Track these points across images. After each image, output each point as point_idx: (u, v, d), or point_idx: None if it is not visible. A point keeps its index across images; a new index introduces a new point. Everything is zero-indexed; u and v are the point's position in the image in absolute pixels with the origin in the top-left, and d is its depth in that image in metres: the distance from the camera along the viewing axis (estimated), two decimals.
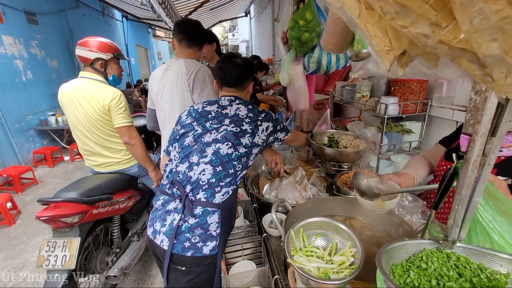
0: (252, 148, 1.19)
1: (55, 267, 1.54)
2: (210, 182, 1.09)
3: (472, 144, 0.55)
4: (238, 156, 1.14)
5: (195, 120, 1.24)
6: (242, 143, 1.16)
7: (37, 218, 1.54)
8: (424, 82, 1.83)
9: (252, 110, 1.25)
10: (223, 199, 1.10)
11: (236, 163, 1.14)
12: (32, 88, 4.98)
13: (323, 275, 0.67)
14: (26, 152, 4.73)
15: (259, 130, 1.21)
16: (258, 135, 1.21)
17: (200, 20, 5.99)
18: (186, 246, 1.03)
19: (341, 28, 0.98)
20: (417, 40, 0.40)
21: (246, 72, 1.30)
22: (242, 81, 1.30)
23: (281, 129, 1.34)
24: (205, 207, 1.07)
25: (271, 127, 1.26)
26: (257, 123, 1.22)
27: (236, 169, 1.14)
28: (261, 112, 1.28)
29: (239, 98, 1.30)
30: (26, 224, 3.09)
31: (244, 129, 1.18)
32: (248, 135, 1.18)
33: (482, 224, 0.66)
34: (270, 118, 1.28)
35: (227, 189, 1.11)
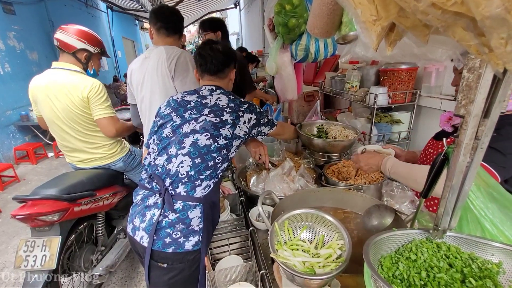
0: (232, 140, 1.13)
1: (34, 267, 1.46)
2: (189, 175, 1.03)
3: (465, 126, 0.51)
4: (217, 147, 1.08)
5: (173, 111, 1.17)
6: (222, 134, 1.09)
7: (13, 216, 1.45)
8: (413, 72, 1.81)
9: (233, 100, 1.19)
10: (204, 193, 1.05)
11: (216, 155, 1.08)
12: (11, 82, 4.75)
13: (309, 269, 0.63)
14: (6, 149, 4.53)
15: (241, 121, 1.14)
16: (240, 127, 1.14)
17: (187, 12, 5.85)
18: (167, 242, 0.98)
19: (327, 10, 0.93)
20: (407, 5, 0.36)
21: (227, 59, 1.23)
22: (224, 68, 1.23)
23: (265, 122, 1.27)
24: (186, 202, 1.02)
25: (254, 120, 1.19)
26: (238, 114, 1.15)
27: (216, 161, 1.08)
28: (244, 103, 1.21)
29: (220, 87, 1.23)
30: (7, 224, 2.97)
31: (224, 120, 1.11)
32: (229, 126, 1.11)
33: (473, 212, 0.64)
34: (254, 110, 1.21)
35: (208, 182, 1.06)
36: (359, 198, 1.13)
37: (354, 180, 1.35)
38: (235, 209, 1.52)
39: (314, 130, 1.82)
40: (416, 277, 0.53)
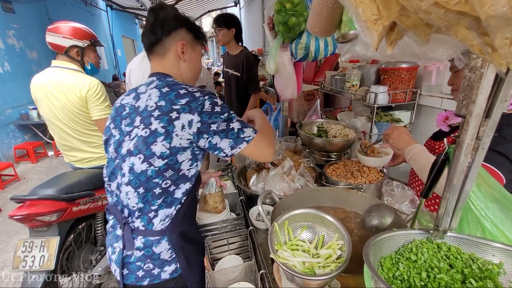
0: (175, 156, 0.84)
1: (32, 268, 1.46)
2: (139, 207, 0.87)
3: (466, 126, 0.50)
4: (156, 172, 0.83)
5: (112, 121, 0.94)
6: (156, 153, 0.82)
7: (10, 217, 1.45)
8: (414, 71, 1.81)
9: (166, 95, 0.83)
10: (166, 224, 0.89)
11: (159, 180, 0.84)
12: (11, 81, 4.74)
13: (308, 270, 0.63)
14: (6, 148, 4.53)
15: (176, 127, 0.81)
16: (177, 135, 0.81)
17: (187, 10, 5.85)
18: (140, 276, 0.88)
19: (327, 9, 0.92)
20: (409, 4, 0.35)
21: (165, 21, 0.91)
22: (160, 37, 0.91)
23: (226, 132, 0.84)
24: (146, 237, 0.88)
25: (199, 123, 0.81)
26: (170, 117, 0.80)
27: (164, 187, 0.86)
28: (183, 95, 0.83)
29: (160, 74, 0.92)
30: (7, 223, 2.97)
31: (153, 130, 0.81)
32: (161, 138, 0.81)
33: (473, 212, 0.63)
34: (198, 108, 0.81)
35: (166, 211, 0.88)
36: (359, 198, 1.13)
37: (354, 179, 1.35)
38: (235, 208, 1.52)
39: (314, 129, 1.82)
40: (416, 278, 0.53)
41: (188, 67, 0.99)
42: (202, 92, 0.86)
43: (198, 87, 1.61)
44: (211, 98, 0.85)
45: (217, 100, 0.87)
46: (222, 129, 0.83)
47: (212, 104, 0.84)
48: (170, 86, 0.86)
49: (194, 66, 1.02)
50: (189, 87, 0.86)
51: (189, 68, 0.99)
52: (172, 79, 0.92)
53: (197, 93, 0.84)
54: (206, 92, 0.87)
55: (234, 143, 0.86)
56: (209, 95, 0.86)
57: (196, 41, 1.00)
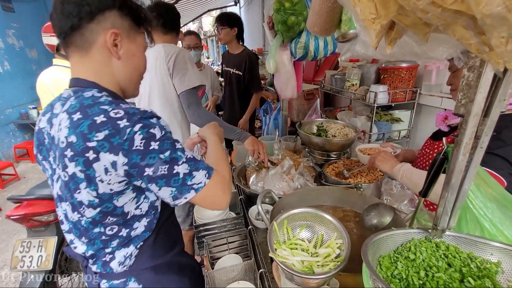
0: (109, 203, 0.65)
1: (30, 268, 1.47)
2: (91, 254, 0.73)
3: (464, 125, 0.50)
4: (91, 222, 0.67)
5: (38, 151, 0.75)
6: (83, 202, 0.64)
7: (8, 217, 1.46)
8: (414, 70, 1.80)
9: (78, 125, 0.59)
10: (130, 263, 0.75)
11: (100, 229, 0.68)
12: (11, 80, 4.74)
13: (307, 269, 0.63)
14: (6, 147, 4.54)
15: (97, 171, 0.60)
16: (102, 180, 0.61)
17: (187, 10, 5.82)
18: None
19: (327, 8, 0.92)
20: (406, 3, 0.35)
21: (84, 1, 0.63)
22: (80, 23, 0.63)
23: (168, 177, 0.63)
24: (110, 281, 0.75)
25: (126, 166, 0.60)
26: (87, 157, 0.59)
27: (111, 233, 0.70)
28: (101, 126, 0.58)
29: (81, 83, 0.67)
30: (7, 222, 2.97)
31: (71, 175, 0.61)
32: (84, 185, 0.62)
33: (472, 211, 0.63)
34: (125, 144, 0.58)
35: (123, 251, 0.73)
36: (359, 197, 1.13)
37: (353, 179, 1.35)
38: (234, 207, 1.52)
39: (314, 129, 1.82)
40: (414, 277, 0.53)
41: (125, 67, 0.71)
42: (132, 117, 0.60)
43: (190, 90, 1.39)
44: (145, 128, 0.60)
45: (155, 131, 0.62)
46: (161, 175, 0.62)
47: (147, 139, 0.60)
48: (84, 110, 0.60)
49: (135, 66, 0.74)
50: (113, 109, 0.60)
51: (128, 69, 0.72)
52: (91, 94, 0.65)
53: (122, 121, 0.59)
54: (138, 117, 0.60)
55: (178, 192, 0.65)
56: (143, 123, 0.60)
57: (136, 28, 0.72)
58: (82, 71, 0.68)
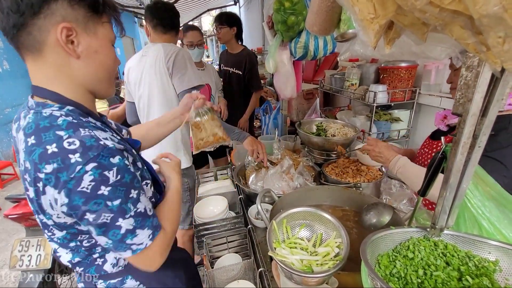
0: (72, 228, 0.61)
1: (29, 267, 1.47)
2: (78, 262, 0.69)
3: (462, 124, 0.51)
4: (63, 240, 0.65)
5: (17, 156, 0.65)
6: (48, 225, 0.62)
7: (6, 216, 1.46)
8: (413, 70, 1.81)
9: (31, 152, 0.54)
10: (125, 263, 0.73)
11: (75, 243, 0.65)
12: (10, 80, 4.73)
13: (306, 267, 0.64)
14: (5, 147, 4.53)
15: (44, 204, 0.56)
16: (52, 214, 0.58)
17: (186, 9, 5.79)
18: None
19: (326, 7, 0.92)
20: (404, 3, 0.35)
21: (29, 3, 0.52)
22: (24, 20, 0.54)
23: (107, 227, 0.57)
24: (106, 281, 0.74)
25: (65, 207, 0.54)
26: (38, 187, 0.54)
27: (88, 245, 0.66)
28: (52, 157, 0.52)
29: (41, 93, 0.60)
30: (7, 222, 2.96)
31: (31, 199, 0.58)
32: (40, 211, 0.59)
33: (470, 210, 0.64)
34: (70, 183, 0.52)
35: (115, 254, 0.71)
36: (358, 196, 1.13)
37: (353, 178, 1.35)
38: (234, 207, 1.52)
39: (313, 128, 1.82)
40: (413, 275, 0.54)
41: (86, 67, 0.61)
42: (87, 152, 0.53)
43: (190, 90, 1.36)
44: (99, 169, 0.53)
45: (110, 172, 0.54)
46: (102, 223, 0.56)
47: (97, 182, 0.53)
48: (39, 134, 0.54)
49: (101, 63, 0.63)
50: (69, 137, 0.53)
51: (90, 68, 0.62)
52: (50, 112, 0.57)
53: (74, 155, 0.52)
54: (95, 155, 0.53)
55: (113, 246, 0.59)
56: (98, 163, 0.53)
57: (96, 18, 0.61)
58: (40, 77, 0.60)
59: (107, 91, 0.69)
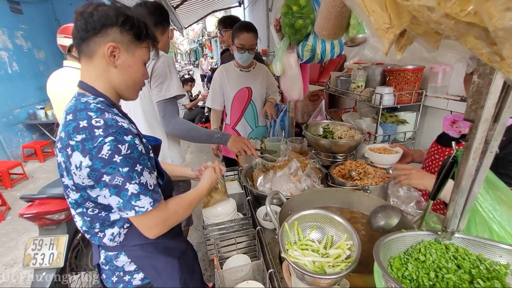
0: (84, 192, 0.77)
1: (42, 265, 1.50)
2: (85, 230, 0.86)
3: (474, 130, 0.52)
4: (74, 203, 0.81)
5: None
6: (68, 186, 0.78)
7: (21, 215, 1.49)
8: (419, 72, 1.81)
9: (68, 124, 0.72)
10: (120, 240, 0.87)
11: (83, 209, 0.81)
12: (19, 81, 4.82)
13: (319, 269, 0.65)
14: (15, 147, 4.61)
15: (72, 165, 0.72)
16: (75, 174, 0.73)
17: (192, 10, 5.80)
18: (115, 281, 0.92)
19: (335, 13, 0.93)
20: (420, 14, 0.37)
21: (90, 18, 0.74)
22: (87, 35, 0.75)
23: (119, 189, 0.72)
24: (106, 252, 0.90)
25: (88, 168, 0.70)
26: (67, 152, 0.71)
27: (92, 214, 0.81)
28: (82, 130, 0.70)
29: (83, 86, 0.80)
30: (16, 221, 3.03)
31: (59, 163, 0.77)
32: (65, 173, 0.76)
33: (481, 214, 0.64)
34: (93, 150, 0.69)
35: (110, 231, 0.85)
36: (366, 199, 1.14)
37: (360, 180, 1.36)
38: (242, 208, 1.54)
39: (320, 130, 1.83)
40: (425, 278, 0.55)
41: (120, 75, 0.81)
42: (108, 129, 0.70)
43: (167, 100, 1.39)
44: (115, 141, 0.70)
45: (123, 146, 0.71)
46: (115, 184, 0.71)
47: (112, 151, 0.69)
48: (75, 113, 0.73)
49: (131, 75, 0.83)
50: (96, 117, 0.72)
51: (123, 77, 0.82)
52: (86, 100, 0.77)
53: (98, 130, 0.69)
54: (113, 131, 0.70)
55: (123, 206, 0.74)
56: (114, 137, 0.70)
57: (137, 43, 0.82)
58: (86, 75, 0.81)
59: (131, 96, 0.90)
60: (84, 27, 0.75)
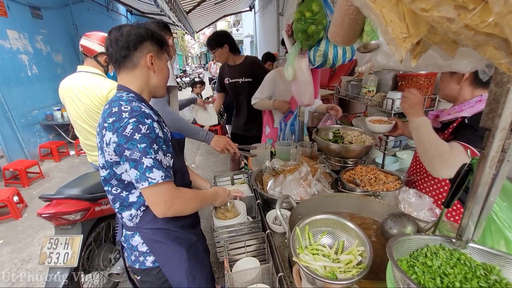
0: (111, 169, 0.92)
1: (57, 264, 1.53)
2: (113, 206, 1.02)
3: (491, 139, 0.51)
4: (104, 180, 0.97)
5: None
6: (101, 164, 0.95)
7: (39, 215, 1.54)
8: (433, 77, 1.78)
9: (104, 111, 0.91)
10: (136, 221, 1.01)
11: (108, 187, 0.97)
12: (38, 83, 5.00)
13: (330, 274, 0.65)
14: (32, 147, 4.77)
15: (104, 143, 0.88)
16: (105, 150, 0.89)
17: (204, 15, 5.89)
18: (133, 260, 1.05)
19: (349, 20, 0.94)
20: (439, 25, 0.37)
21: (131, 38, 0.92)
22: (129, 52, 0.93)
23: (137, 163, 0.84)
24: (126, 231, 1.04)
25: (115, 144, 0.85)
26: (102, 133, 0.88)
27: (115, 193, 0.97)
28: (113, 114, 0.86)
29: (121, 88, 0.96)
30: (33, 218, 3.13)
31: (97, 143, 0.93)
32: (99, 152, 0.93)
33: (497, 223, 0.64)
34: (120, 129, 0.84)
35: (127, 213, 0.98)
36: (377, 205, 1.13)
37: (371, 186, 1.35)
38: (251, 211, 1.55)
39: (330, 135, 1.83)
40: (430, 283, 0.54)
41: (158, 77, 1.02)
42: (132, 113, 0.86)
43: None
44: (137, 122, 0.84)
45: (143, 127, 0.85)
46: (134, 158, 0.84)
47: (134, 130, 0.83)
48: (110, 103, 0.91)
49: (163, 74, 1.05)
50: (125, 105, 0.88)
51: (159, 78, 1.03)
52: (120, 94, 0.93)
53: (125, 113, 0.85)
54: (136, 114, 0.86)
55: (139, 178, 0.85)
56: (137, 119, 0.85)
57: (161, 50, 1.02)
58: (124, 80, 0.97)
59: (163, 92, 1.09)
60: (126, 46, 0.91)
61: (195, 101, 2.75)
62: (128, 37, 0.91)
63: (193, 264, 1.09)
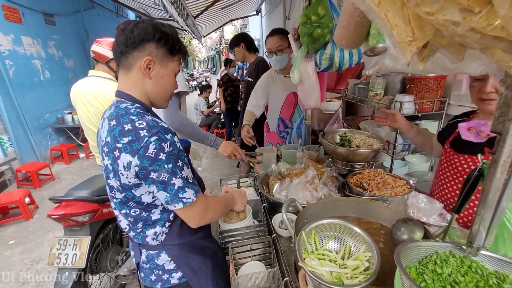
0: (129, 191, 0.83)
1: (65, 265, 1.56)
2: (129, 228, 0.93)
3: (502, 143, 0.50)
4: (119, 203, 0.88)
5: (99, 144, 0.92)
6: (114, 187, 0.84)
7: (49, 216, 1.57)
8: (442, 80, 1.76)
9: (112, 129, 0.77)
10: (161, 239, 0.94)
11: (127, 210, 0.88)
12: (50, 87, 5.15)
13: (336, 280, 0.64)
14: (44, 149, 4.89)
15: (119, 166, 0.77)
16: (123, 174, 0.78)
17: (211, 20, 6.00)
18: (153, 280, 0.97)
19: (355, 23, 0.94)
20: (445, 28, 0.37)
21: (130, 34, 0.81)
22: (127, 49, 0.82)
23: (166, 184, 0.78)
24: (148, 251, 0.96)
25: (137, 167, 0.75)
26: (114, 154, 0.76)
27: (135, 215, 0.88)
28: (127, 133, 0.75)
29: (121, 95, 0.87)
30: (43, 219, 3.20)
31: (106, 166, 0.81)
32: (111, 174, 0.80)
33: (509, 230, 0.62)
34: (141, 150, 0.74)
35: (152, 231, 0.91)
36: (384, 209, 1.11)
37: (379, 191, 1.33)
38: (257, 215, 1.54)
39: (337, 138, 1.81)
40: None
41: (154, 86, 0.88)
42: (151, 129, 0.76)
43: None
44: (159, 140, 0.75)
45: (165, 144, 0.76)
46: (162, 180, 0.77)
47: (157, 150, 0.75)
48: (118, 118, 0.79)
49: (163, 86, 0.90)
50: (138, 120, 0.77)
51: (156, 87, 0.88)
52: (124, 106, 0.83)
53: (142, 131, 0.75)
54: (156, 131, 0.76)
55: (170, 200, 0.80)
56: (158, 137, 0.75)
57: (170, 56, 0.88)
58: (123, 85, 0.88)
59: (162, 104, 0.97)
60: (124, 42, 0.82)
61: None
62: (131, 33, 0.81)
63: (216, 273, 1.07)
